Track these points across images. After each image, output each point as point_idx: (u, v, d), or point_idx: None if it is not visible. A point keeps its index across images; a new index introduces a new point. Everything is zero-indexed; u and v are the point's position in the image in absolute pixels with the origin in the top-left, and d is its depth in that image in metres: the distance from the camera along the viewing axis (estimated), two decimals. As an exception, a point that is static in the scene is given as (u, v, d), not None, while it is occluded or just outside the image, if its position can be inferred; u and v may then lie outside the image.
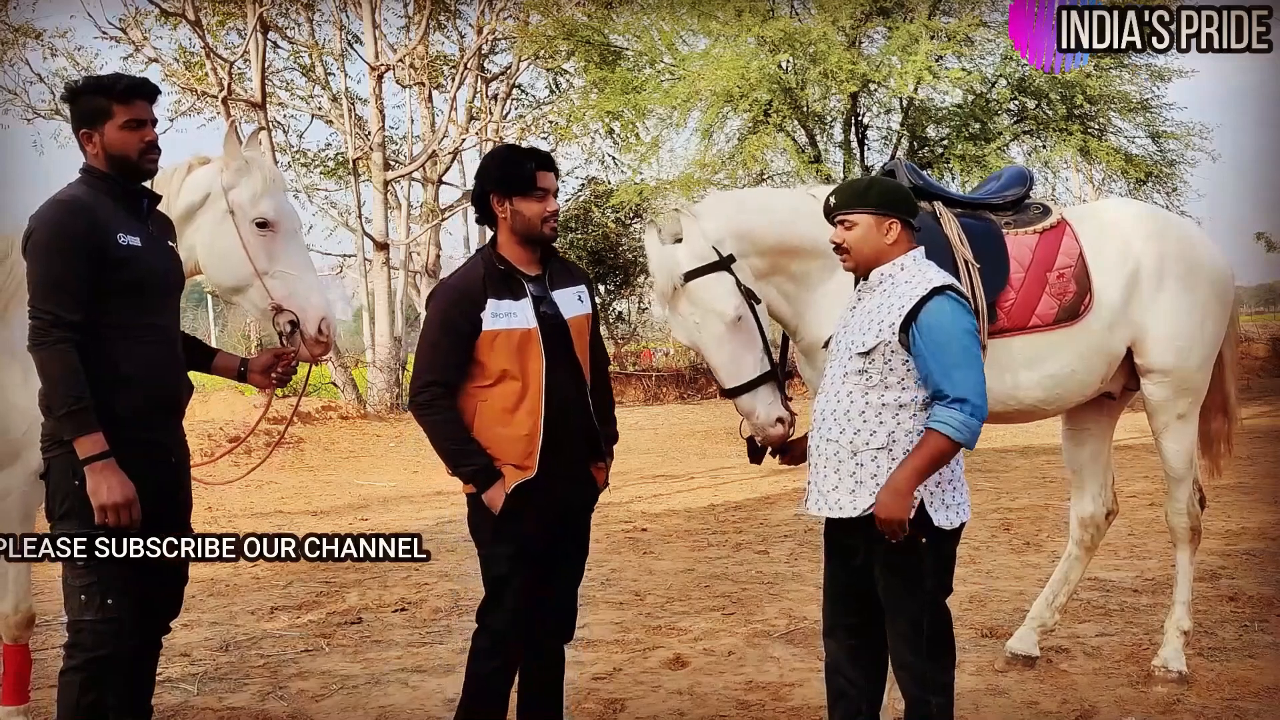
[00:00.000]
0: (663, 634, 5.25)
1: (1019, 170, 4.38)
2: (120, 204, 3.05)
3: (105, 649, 2.91)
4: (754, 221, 3.64)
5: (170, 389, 3.13)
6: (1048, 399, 4.09)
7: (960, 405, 2.85)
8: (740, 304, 3.40)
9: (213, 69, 17.50)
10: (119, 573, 2.92)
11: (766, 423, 3.39)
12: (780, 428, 3.39)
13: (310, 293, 3.59)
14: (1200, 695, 4.12)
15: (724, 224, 3.53)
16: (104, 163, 3.05)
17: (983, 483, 9.80)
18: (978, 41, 16.48)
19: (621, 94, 16.64)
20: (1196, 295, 4.23)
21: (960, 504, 3.03)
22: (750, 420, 3.42)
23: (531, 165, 3.25)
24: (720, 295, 3.40)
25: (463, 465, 3.22)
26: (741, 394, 3.41)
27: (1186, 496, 4.40)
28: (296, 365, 3.51)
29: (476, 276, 3.25)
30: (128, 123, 3.02)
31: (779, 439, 3.40)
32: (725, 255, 3.43)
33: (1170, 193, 17.57)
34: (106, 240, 2.94)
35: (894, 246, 3.04)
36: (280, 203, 3.62)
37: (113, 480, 2.84)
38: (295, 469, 12.60)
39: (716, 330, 3.39)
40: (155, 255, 3.08)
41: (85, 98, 3.05)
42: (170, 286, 3.18)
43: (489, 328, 3.18)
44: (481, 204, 3.32)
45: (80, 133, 3.06)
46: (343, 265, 22.50)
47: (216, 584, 6.63)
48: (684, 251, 3.42)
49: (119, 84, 3.04)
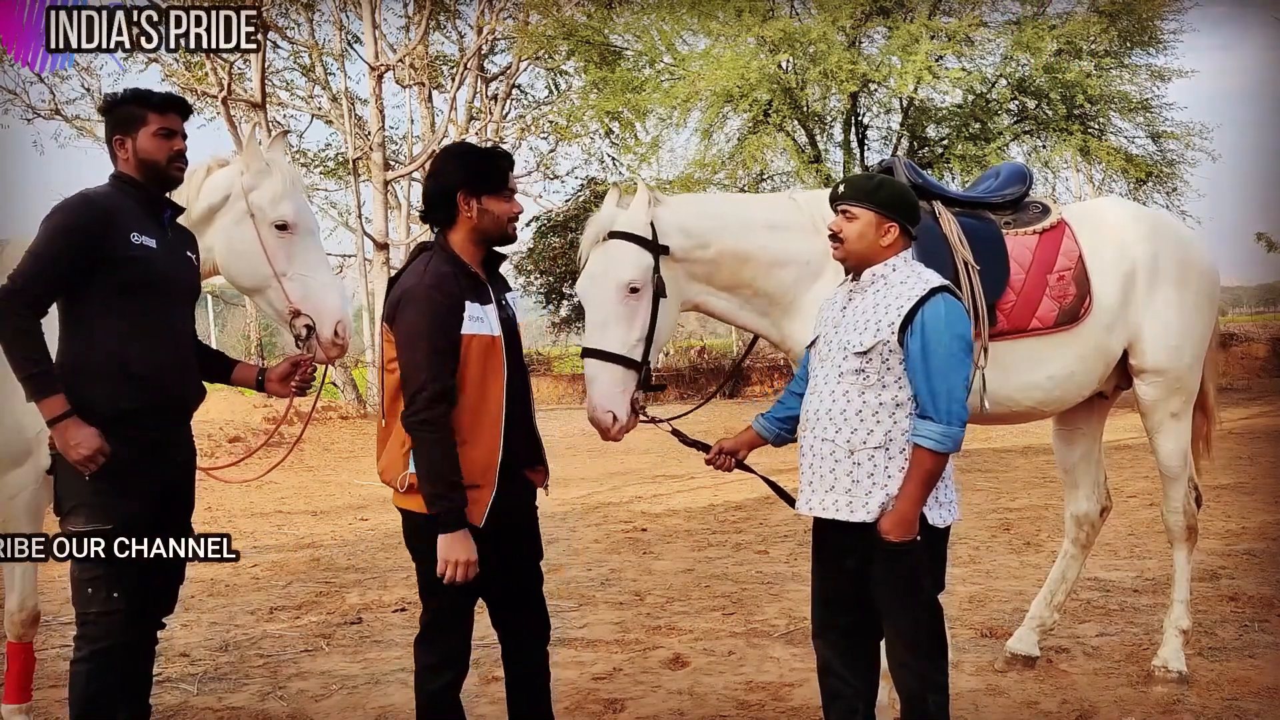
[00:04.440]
0: (663, 634, 5.25)
1: (1017, 168, 4.35)
2: (142, 209, 3.12)
3: (109, 640, 2.99)
4: (705, 225, 3.63)
5: (179, 391, 3.17)
6: (1046, 401, 4.09)
7: (937, 415, 2.88)
8: (643, 283, 3.41)
9: (213, 69, 17.52)
10: (125, 567, 2.99)
11: (599, 404, 3.37)
12: (608, 419, 3.37)
13: (327, 294, 3.61)
14: (1200, 695, 4.12)
15: (676, 217, 3.56)
16: (134, 168, 3.13)
17: (982, 483, 9.81)
18: (978, 41, 16.49)
19: (621, 94, 16.64)
20: (1188, 295, 4.24)
21: (952, 502, 3.04)
22: (588, 390, 3.41)
23: (504, 163, 3.18)
24: (627, 263, 3.42)
25: (448, 501, 2.97)
26: (590, 357, 3.40)
27: (1182, 495, 4.41)
28: (314, 373, 3.52)
29: (451, 277, 3.05)
30: (160, 130, 3.12)
31: (603, 429, 3.39)
32: (660, 244, 3.46)
33: (1170, 193, 17.59)
34: (116, 237, 3.00)
35: (888, 249, 3.05)
36: (299, 205, 3.65)
37: (78, 434, 2.91)
38: (295, 469, 12.60)
39: (607, 291, 3.42)
40: (170, 260, 3.15)
41: (123, 106, 3.15)
42: (184, 292, 3.24)
43: (465, 331, 3.03)
44: (442, 202, 3.13)
45: (114, 139, 3.15)
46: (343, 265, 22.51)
47: (216, 584, 6.63)
48: (624, 215, 3.48)
49: (155, 96, 3.17)
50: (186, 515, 3.26)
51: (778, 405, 3.35)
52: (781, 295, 3.73)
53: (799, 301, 3.73)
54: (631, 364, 3.42)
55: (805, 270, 3.70)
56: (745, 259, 3.67)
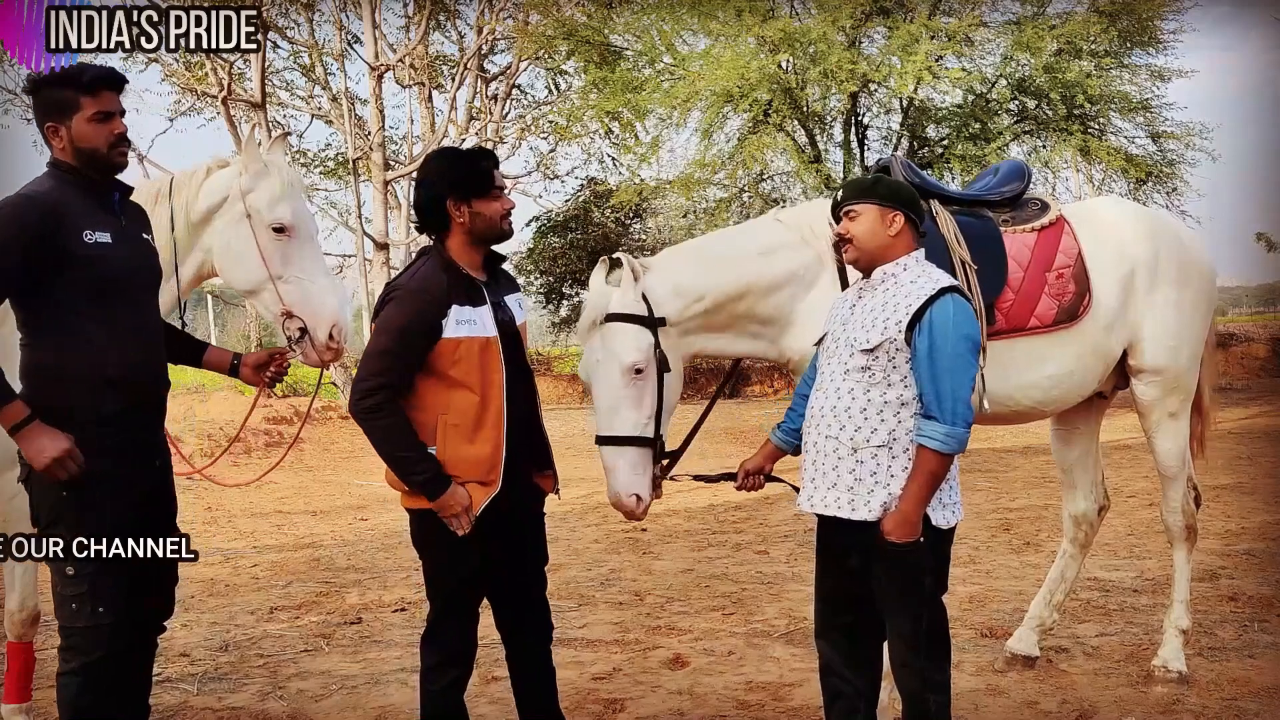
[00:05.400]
0: (663, 634, 5.25)
1: (1016, 165, 4.33)
2: (89, 199, 2.94)
3: (99, 652, 2.91)
4: (697, 279, 3.60)
5: (154, 390, 3.08)
6: (1046, 401, 4.08)
7: (942, 416, 2.87)
8: (646, 362, 3.39)
9: (213, 69, 17.51)
10: (109, 582, 2.89)
11: (621, 489, 3.36)
12: (633, 502, 3.36)
13: (324, 297, 3.60)
14: (1200, 695, 4.12)
15: (667, 280, 3.53)
16: (72, 156, 2.93)
17: (982, 483, 9.80)
18: (978, 41, 16.50)
19: (621, 94, 16.64)
20: (1186, 294, 4.24)
21: (956, 503, 3.04)
22: (608, 477, 3.39)
23: (487, 164, 3.18)
24: (629, 345, 3.39)
25: (415, 474, 3.04)
26: (606, 444, 3.39)
27: (1181, 495, 4.41)
28: (289, 367, 3.50)
29: (439, 281, 3.10)
30: (96, 115, 2.90)
31: (627, 512, 3.38)
32: (656, 316, 3.44)
33: (1170, 193, 17.59)
34: (68, 238, 2.84)
35: (897, 240, 3.04)
36: (297, 207, 3.64)
37: (44, 439, 2.78)
38: (295, 469, 12.60)
39: (612, 375, 3.39)
40: (127, 252, 2.98)
41: (49, 90, 2.92)
42: (146, 283, 3.08)
43: (450, 335, 3.05)
44: (434, 210, 3.17)
45: (45, 126, 2.93)
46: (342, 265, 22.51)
47: (216, 584, 6.64)
48: (617, 296, 3.45)
49: (85, 75, 2.91)
50: (171, 518, 3.18)
51: (790, 414, 3.35)
52: (778, 316, 3.73)
53: (794, 314, 3.73)
54: (646, 442, 3.41)
55: (800, 284, 3.70)
56: (742, 294, 3.66)
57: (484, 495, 3.09)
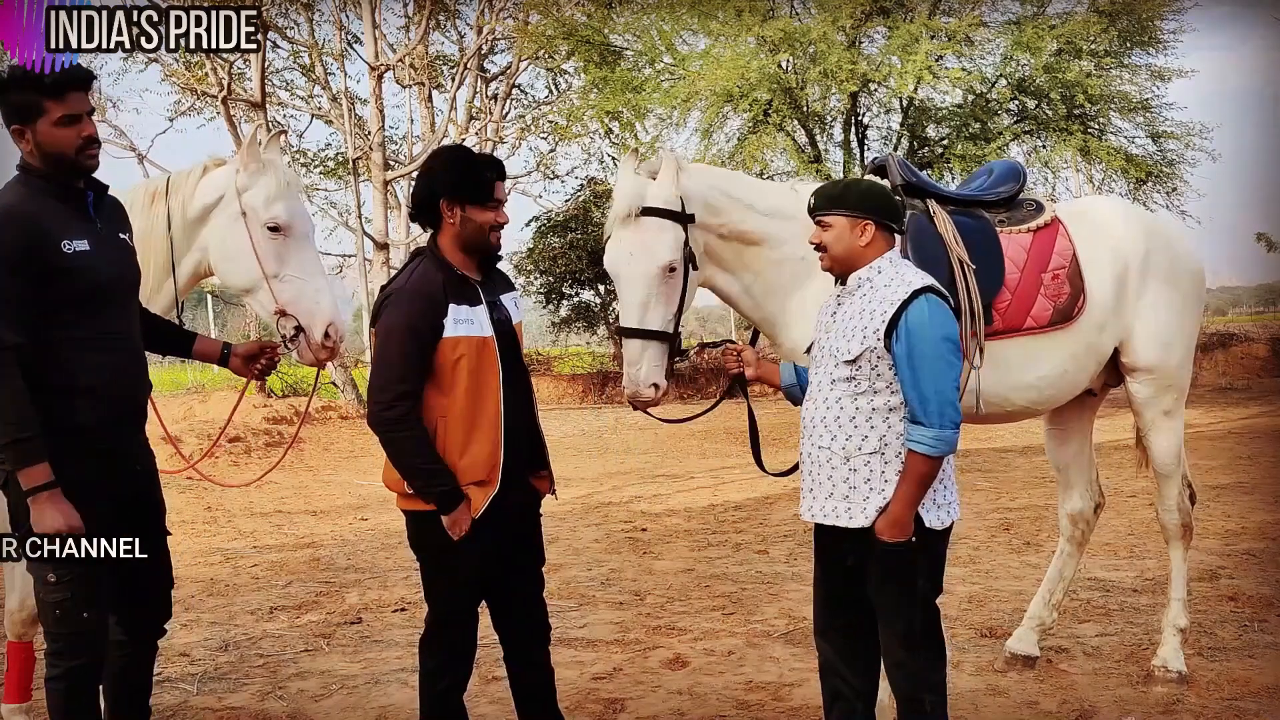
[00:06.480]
0: (663, 634, 5.25)
1: (1011, 165, 4.35)
2: (65, 206, 2.86)
3: (85, 657, 2.90)
4: (725, 204, 3.65)
5: (133, 396, 3.03)
6: (1040, 400, 4.10)
7: (928, 419, 2.87)
8: (678, 260, 3.44)
9: (212, 69, 17.49)
10: (90, 587, 2.87)
11: (644, 379, 3.43)
12: (653, 392, 3.44)
13: (319, 296, 3.60)
14: (1200, 695, 4.12)
15: (702, 189, 3.58)
16: (39, 160, 2.84)
17: (982, 483, 9.80)
18: (978, 41, 16.47)
19: (621, 94, 16.63)
20: (1177, 293, 4.25)
21: (950, 503, 3.04)
22: (629, 369, 3.46)
23: (490, 175, 3.16)
24: (664, 241, 3.44)
25: (434, 487, 3.04)
26: (634, 338, 3.44)
27: (1176, 493, 4.42)
28: (279, 361, 3.50)
29: (436, 281, 3.09)
30: (62, 119, 2.82)
31: (646, 402, 3.46)
32: (688, 213, 3.48)
33: (1170, 193, 17.56)
34: (50, 251, 2.77)
35: (869, 248, 3.05)
36: (294, 207, 3.63)
37: (55, 512, 2.74)
38: (295, 469, 12.60)
39: (645, 270, 3.43)
40: (107, 257, 2.91)
41: (12, 92, 2.83)
42: (125, 287, 3.02)
43: (450, 334, 3.05)
44: (427, 205, 3.16)
45: (11, 128, 2.83)
46: (342, 265, 22.51)
47: (216, 584, 6.64)
48: (654, 188, 3.47)
49: (48, 76, 2.82)
50: (160, 521, 3.16)
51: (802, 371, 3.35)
52: (778, 282, 3.74)
53: (789, 302, 3.73)
54: (669, 337, 3.48)
55: (800, 265, 3.69)
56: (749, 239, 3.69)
57: (483, 496, 3.09)
